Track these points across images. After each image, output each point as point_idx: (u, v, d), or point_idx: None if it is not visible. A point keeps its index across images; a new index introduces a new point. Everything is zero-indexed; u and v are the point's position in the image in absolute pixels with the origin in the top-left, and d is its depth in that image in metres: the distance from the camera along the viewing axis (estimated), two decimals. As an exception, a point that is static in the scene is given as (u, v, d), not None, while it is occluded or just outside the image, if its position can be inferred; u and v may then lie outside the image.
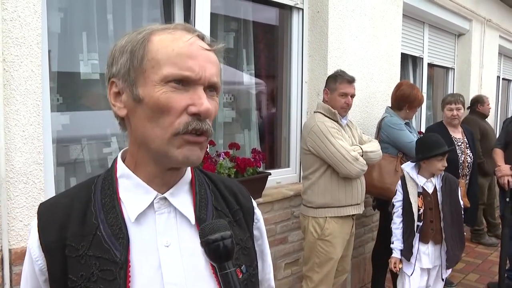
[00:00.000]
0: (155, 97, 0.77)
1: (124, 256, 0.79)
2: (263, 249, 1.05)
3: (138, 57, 0.79)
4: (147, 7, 2.76)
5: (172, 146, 0.79)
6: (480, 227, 5.32)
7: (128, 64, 0.80)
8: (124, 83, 0.81)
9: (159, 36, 0.80)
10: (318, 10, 3.47)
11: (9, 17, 1.83)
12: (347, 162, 2.69)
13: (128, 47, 0.81)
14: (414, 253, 2.82)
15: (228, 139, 3.23)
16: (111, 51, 0.84)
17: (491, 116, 6.18)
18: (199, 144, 0.81)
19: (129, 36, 0.83)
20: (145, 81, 0.79)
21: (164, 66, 0.77)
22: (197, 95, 0.78)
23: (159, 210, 0.85)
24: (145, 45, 0.80)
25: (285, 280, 3.25)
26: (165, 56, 0.78)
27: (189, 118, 0.78)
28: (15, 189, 1.90)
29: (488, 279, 4.20)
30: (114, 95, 0.84)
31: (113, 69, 0.83)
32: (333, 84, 2.86)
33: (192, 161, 0.81)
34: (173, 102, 0.77)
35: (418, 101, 3.47)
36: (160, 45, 0.79)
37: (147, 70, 0.78)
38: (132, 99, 0.80)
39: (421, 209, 2.82)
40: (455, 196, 2.90)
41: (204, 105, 0.78)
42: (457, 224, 2.89)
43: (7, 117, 1.86)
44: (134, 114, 0.82)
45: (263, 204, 2.95)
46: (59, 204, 0.85)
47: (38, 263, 0.83)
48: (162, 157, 0.81)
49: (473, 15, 5.81)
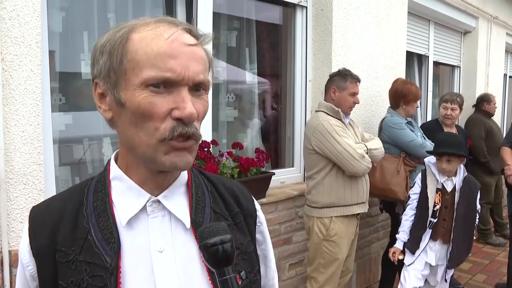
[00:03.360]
0: (136, 102, 0.73)
1: (115, 261, 0.76)
2: (266, 254, 1.00)
3: (117, 58, 0.74)
4: (149, 6, 2.74)
5: (159, 152, 0.75)
6: (487, 227, 5.26)
7: (107, 65, 0.76)
8: (106, 84, 0.77)
9: (139, 34, 0.75)
10: (322, 8, 3.43)
11: (7, 16, 1.81)
12: (354, 160, 2.65)
13: (107, 47, 0.76)
14: (421, 247, 2.79)
15: (231, 139, 3.20)
16: (93, 50, 0.79)
17: (498, 114, 6.11)
18: (187, 149, 0.77)
19: (109, 33, 0.77)
20: (126, 84, 0.74)
21: (144, 69, 0.72)
22: (180, 98, 0.73)
23: (152, 214, 0.81)
24: (123, 44, 0.74)
25: (289, 281, 3.22)
26: (145, 57, 0.72)
27: (174, 123, 0.74)
28: (15, 190, 1.88)
29: (496, 280, 4.14)
30: (98, 96, 0.80)
31: (94, 69, 0.79)
32: (342, 83, 2.83)
33: (180, 167, 0.78)
34: (155, 107, 0.73)
35: (413, 94, 3.42)
36: (139, 45, 0.74)
37: (127, 71, 0.74)
38: (115, 103, 0.77)
39: (437, 206, 2.79)
40: (472, 199, 2.85)
41: (187, 109, 0.73)
42: (469, 227, 2.85)
43: (6, 117, 1.84)
44: (119, 118, 0.78)
45: (267, 204, 2.92)
46: (51, 208, 0.82)
47: (29, 268, 0.80)
48: (150, 162, 0.78)
49: (479, 13, 5.74)
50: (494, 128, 5.09)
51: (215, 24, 2.95)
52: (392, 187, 3.19)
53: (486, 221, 5.22)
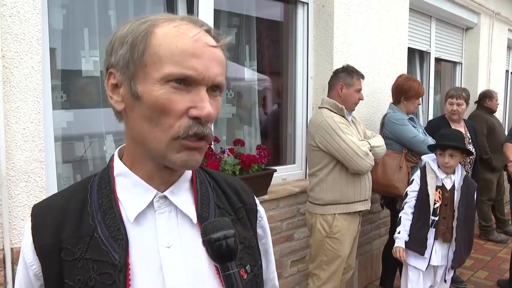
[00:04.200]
0: (154, 97, 0.73)
1: (124, 258, 0.75)
2: (267, 248, 1.01)
3: (139, 50, 0.74)
4: (150, 3, 2.73)
5: (171, 150, 0.75)
6: (488, 224, 5.25)
7: (127, 56, 0.75)
8: (122, 75, 0.76)
9: (163, 29, 0.74)
10: (323, 4, 3.42)
11: (8, 13, 1.81)
12: (358, 157, 2.65)
13: (129, 38, 0.75)
14: (428, 247, 2.76)
15: (231, 136, 3.20)
16: (111, 39, 0.78)
17: (500, 111, 6.09)
18: (199, 149, 0.77)
19: (131, 25, 0.77)
20: (145, 77, 0.74)
21: (166, 64, 0.72)
22: (199, 97, 0.73)
23: (159, 210, 0.81)
24: (147, 37, 0.74)
25: (291, 278, 3.22)
26: (168, 53, 0.72)
27: (190, 122, 0.74)
28: (16, 187, 1.88)
29: (498, 276, 4.13)
30: (112, 86, 0.79)
31: (111, 58, 0.78)
32: (349, 80, 2.84)
33: (190, 166, 0.78)
34: (174, 104, 0.73)
35: (415, 90, 3.41)
36: (163, 40, 0.73)
37: (148, 65, 0.73)
38: (130, 95, 0.76)
39: (438, 203, 2.78)
40: (471, 198, 2.86)
41: (206, 109, 0.73)
42: (468, 226, 2.85)
43: (7, 114, 1.83)
44: (132, 111, 0.77)
45: (269, 201, 2.92)
46: (54, 205, 0.81)
47: (33, 268, 0.79)
48: (160, 158, 0.77)
49: (481, 9, 5.72)
50: (496, 124, 5.07)
51: (215, 21, 2.94)
52: (394, 183, 3.19)
53: (488, 217, 5.21)
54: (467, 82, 5.95)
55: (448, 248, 2.79)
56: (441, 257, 2.81)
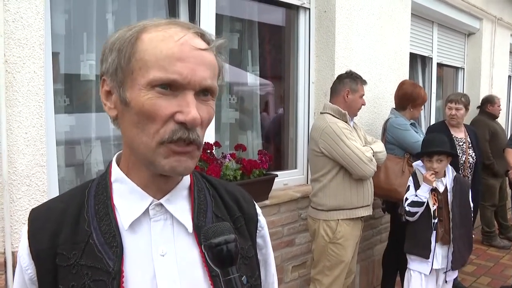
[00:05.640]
0: (140, 103, 0.72)
1: (118, 265, 0.75)
2: (266, 258, 0.99)
3: (125, 56, 0.74)
4: (152, 8, 2.75)
5: (158, 155, 0.74)
6: (491, 229, 5.22)
7: (116, 63, 0.75)
8: (112, 82, 0.77)
9: (149, 34, 0.74)
10: (325, 9, 3.42)
11: (11, 18, 1.82)
12: (363, 163, 2.66)
13: (116, 45, 0.76)
14: (432, 250, 2.78)
15: (234, 141, 3.20)
16: (103, 47, 0.79)
17: (502, 116, 6.08)
18: (188, 154, 0.75)
19: (120, 32, 0.77)
20: (132, 83, 0.74)
21: (151, 69, 0.72)
22: (185, 102, 0.72)
23: (155, 217, 0.80)
24: (133, 43, 0.74)
25: (292, 283, 3.21)
26: (153, 58, 0.72)
27: (176, 126, 0.73)
28: (18, 191, 1.89)
29: (500, 283, 4.11)
30: (105, 93, 0.80)
31: (103, 66, 0.78)
32: (354, 85, 2.86)
33: (179, 172, 0.76)
34: (159, 109, 0.72)
35: (421, 98, 3.44)
36: (149, 45, 0.73)
37: (135, 71, 0.73)
38: (120, 101, 0.76)
39: (435, 206, 2.80)
40: (465, 197, 2.89)
41: (191, 114, 0.72)
42: (466, 225, 2.88)
43: (9, 119, 1.84)
44: (123, 117, 0.77)
45: (270, 206, 2.91)
46: (52, 210, 0.81)
47: (28, 272, 0.79)
48: (149, 165, 0.77)
49: (483, 14, 5.72)
50: (498, 130, 5.06)
51: (217, 26, 2.95)
52: (396, 187, 3.18)
53: (491, 223, 5.19)
54: (470, 87, 5.94)
55: (448, 250, 2.82)
56: (442, 259, 2.83)
